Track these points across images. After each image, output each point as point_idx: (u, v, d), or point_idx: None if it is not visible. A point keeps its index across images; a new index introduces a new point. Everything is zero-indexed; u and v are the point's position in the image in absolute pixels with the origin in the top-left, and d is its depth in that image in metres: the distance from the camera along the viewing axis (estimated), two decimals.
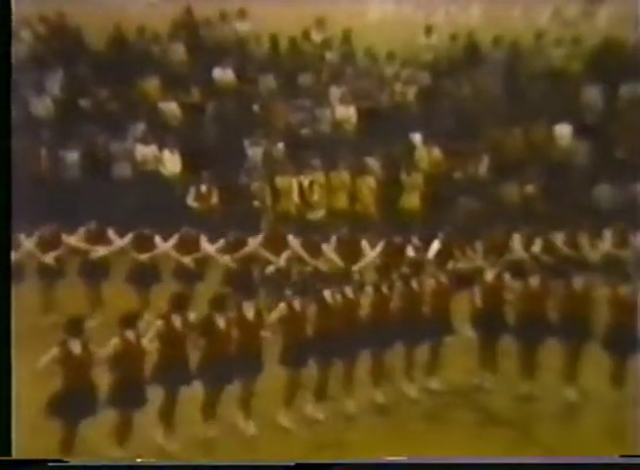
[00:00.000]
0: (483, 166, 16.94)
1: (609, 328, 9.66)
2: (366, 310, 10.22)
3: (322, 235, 12.30)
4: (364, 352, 10.32)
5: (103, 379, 8.40)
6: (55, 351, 8.36)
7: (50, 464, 6.75)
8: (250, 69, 18.11)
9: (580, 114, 17.90)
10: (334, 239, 12.23)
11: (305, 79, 18.12)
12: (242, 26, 18.61)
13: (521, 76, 18.39)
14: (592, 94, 18.20)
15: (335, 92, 17.84)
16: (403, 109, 17.70)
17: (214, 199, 15.05)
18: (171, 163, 16.28)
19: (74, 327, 8.65)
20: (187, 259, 12.37)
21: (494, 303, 10.31)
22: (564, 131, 17.54)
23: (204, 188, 15.04)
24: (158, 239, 12.56)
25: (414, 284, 10.49)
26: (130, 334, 8.87)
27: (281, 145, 16.83)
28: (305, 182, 16.07)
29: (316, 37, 18.69)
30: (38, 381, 7.73)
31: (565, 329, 9.86)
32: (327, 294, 9.99)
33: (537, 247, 12.73)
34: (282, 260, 11.95)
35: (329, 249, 11.98)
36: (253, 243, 12.30)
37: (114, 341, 8.82)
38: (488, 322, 10.34)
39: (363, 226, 14.19)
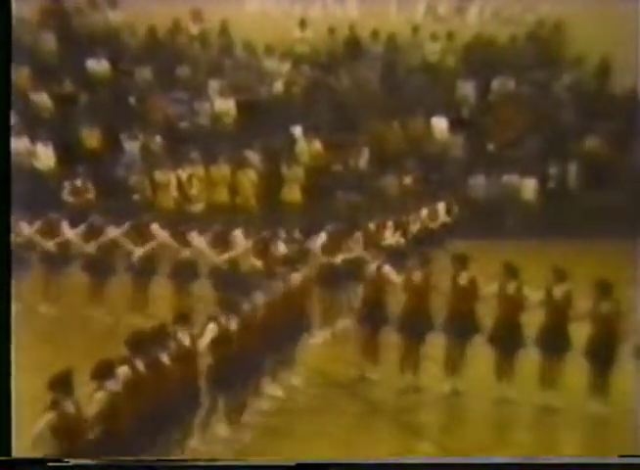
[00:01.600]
0: (363, 159, 17.10)
1: (495, 322, 9.72)
2: None
3: (199, 227, 12.03)
4: None
5: None
6: None
7: (50, 464, 6.54)
8: (125, 60, 17.69)
9: (455, 107, 18.29)
10: (210, 232, 11.93)
11: (183, 71, 17.83)
12: (115, 16, 18.15)
13: (398, 70, 18.64)
14: (466, 88, 18.63)
15: (214, 85, 17.63)
16: (283, 102, 17.66)
17: (90, 193, 14.65)
18: (45, 156, 15.77)
19: None
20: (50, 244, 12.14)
21: (376, 295, 10.17)
22: (440, 124, 17.90)
23: (79, 182, 14.62)
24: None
25: (294, 277, 10.31)
26: None
27: (159, 138, 16.53)
28: (184, 176, 15.84)
29: (193, 29, 18.43)
30: None
31: (448, 323, 9.86)
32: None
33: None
34: (142, 250, 11.70)
35: (200, 240, 11.67)
36: (115, 232, 12.04)
37: None
38: (372, 314, 10.26)
39: (243, 219, 14.06)
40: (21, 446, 6.86)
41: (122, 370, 7.05)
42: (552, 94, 18.98)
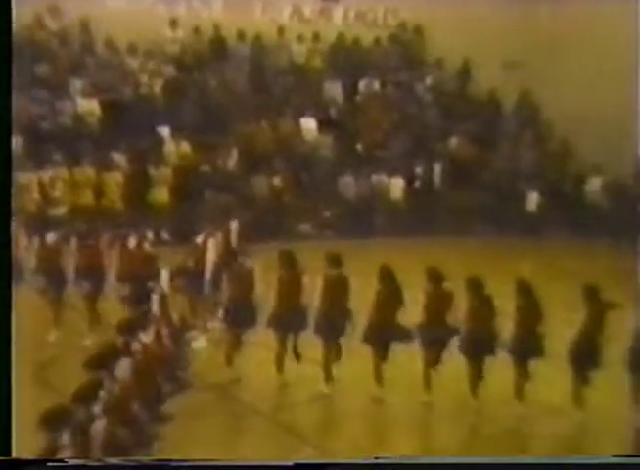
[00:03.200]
0: (232, 160, 16.94)
1: (370, 321, 9.52)
2: None
3: (63, 231, 11.55)
4: None
5: None
6: None
7: (50, 464, 6.37)
8: None
9: (324, 108, 18.38)
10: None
11: (42, 69, 17.16)
12: None
13: (266, 71, 18.56)
14: (334, 89, 18.76)
15: (76, 84, 17.07)
16: (149, 102, 17.28)
17: None
18: None
19: None
20: None
21: (245, 295, 9.99)
22: (309, 125, 17.95)
23: None
24: None
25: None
26: None
27: (19, 139, 15.86)
28: (46, 178, 15.28)
29: (51, 25, 17.78)
30: None
31: (321, 321, 9.83)
32: None
33: None
34: None
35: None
36: None
37: None
38: (238, 315, 10.07)
39: (110, 222, 13.68)
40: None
41: None
42: (416, 95, 19.37)
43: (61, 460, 6.31)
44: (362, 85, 19.11)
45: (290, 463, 6.72)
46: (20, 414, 7.11)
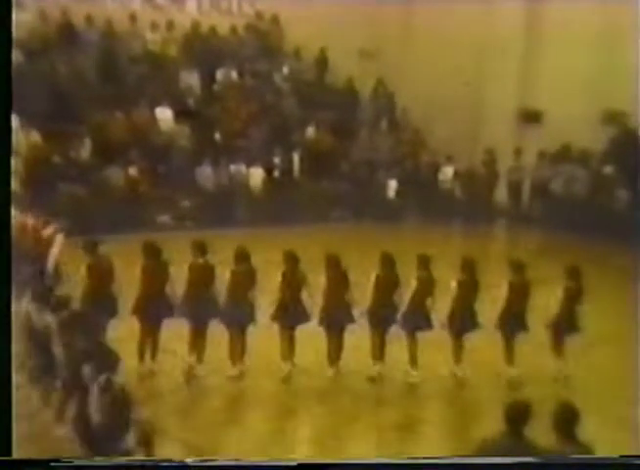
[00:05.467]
0: (85, 150, 16.36)
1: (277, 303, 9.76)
2: None
3: None
4: None
5: None
6: None
7: (50, 464, 6.39)
8: None
9: (180, 97, 18.03)
10: None
11: None
12: None
13: (119, 59, 18.03)
14: (190, 78, 18.43)
15: None
16: None
17: None
18: None
19: None
20: None
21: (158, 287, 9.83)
22: (165, 114, 17.56)
23: None
24: None
25: None
26: None
27: None
28: None
29: None
30: None
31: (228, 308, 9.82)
32: None
33: None
34: None
35: None
36: None
37: None
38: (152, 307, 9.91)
39: None
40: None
41: None
42: (274, 85, 19.30)
43: (61, 460, 6.38)
44: (219, 74, 18.88)
45: (291, 463, 6.67)
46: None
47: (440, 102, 18.09)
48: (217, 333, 9.85)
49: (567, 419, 5.83)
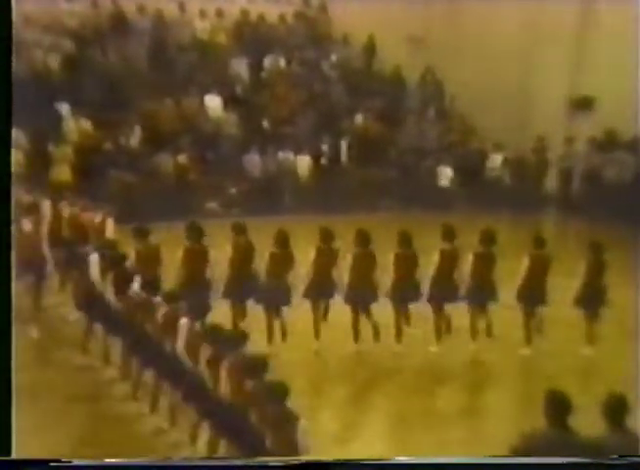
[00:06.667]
0: (135, 138, 16.58)
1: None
2: None
3: None
4: None
5: None
6: None
7: (50, 464, 6.38)
8: None
9: (229, 85, 18.16)
10: None
11: None
12: None
13: (169, 47, 18.22)
14: (239, 66, 18.55)
15: None
16: (46, 78, 16.73)
17: None
18: None
19: None
20: None
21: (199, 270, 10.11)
22: (214, 102, 17.70)
23: None
24: None
25: None
26: None
27: None
28: None
29: None
30: None
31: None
32: None
33: None
34: None
35: None
36: None
37: None
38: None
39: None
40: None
41: None
42: (322, 72, 19.32)
43: (61, 460, 6.38)
44: (268, 62, 18.97)
45: (292, 463, 6.78)
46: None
47: (490, 89, 17.93)
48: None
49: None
